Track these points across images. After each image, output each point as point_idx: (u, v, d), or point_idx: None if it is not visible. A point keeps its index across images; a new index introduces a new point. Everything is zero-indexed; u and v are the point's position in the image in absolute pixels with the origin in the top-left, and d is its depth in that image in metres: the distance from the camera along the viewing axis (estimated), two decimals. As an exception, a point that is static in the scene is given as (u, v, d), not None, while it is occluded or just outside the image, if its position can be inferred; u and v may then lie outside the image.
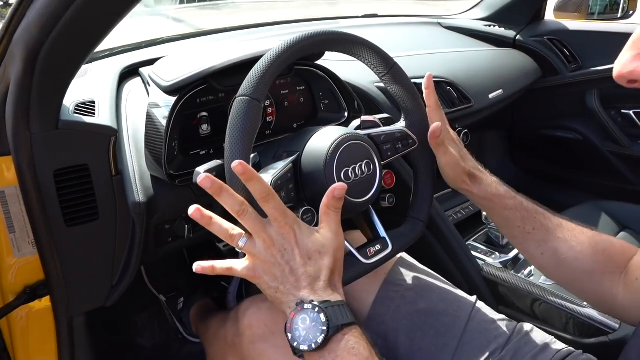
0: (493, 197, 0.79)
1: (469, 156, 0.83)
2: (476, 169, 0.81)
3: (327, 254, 0.60)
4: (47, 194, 0.74)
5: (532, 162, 1.95)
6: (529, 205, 0.78)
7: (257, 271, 0.59)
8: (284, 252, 0.58)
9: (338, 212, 0.63)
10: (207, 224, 0.59)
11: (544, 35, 1.75)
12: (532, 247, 0.78)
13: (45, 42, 0.58)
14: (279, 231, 0.58)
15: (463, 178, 0.79)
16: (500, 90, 1.43)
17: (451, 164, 0.79)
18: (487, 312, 0.85)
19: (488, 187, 0.79)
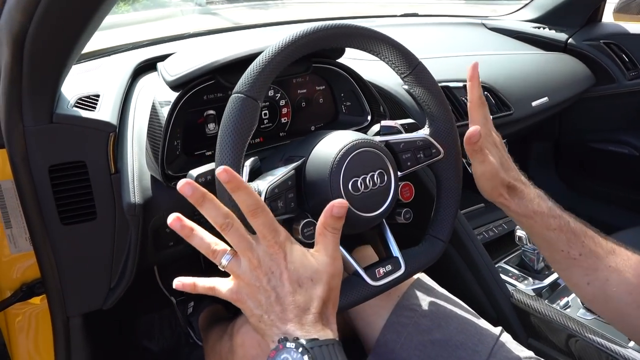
0: (534, 215, 0.69)
1: (512, 164, 0.74)
2: (518, 180, 0.72)
3: (320, 282, 0.52)
4: (42, 190, 0.71)
5: (580, 178, 1.80)
6: (576, 227, 0.68)
7: (240, 294, 0.52)
8: (271, 276, 0.51)
9: (336, 234, 0.55)
10: (188, 235, 0.52)
11: (600, 38, 1.61)
12: (578, 275, 0.67)
13: (29, 27, 0.54)
14: (268, 251, 0.51)
15: (500, 191, 0.71)
16: (545, 98, 1.31)
17: (488, 174, 0.70)
18: (512, 347, 0.75)
19: (529, 203, 0.70)
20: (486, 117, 0.73)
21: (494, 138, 0.73)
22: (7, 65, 0.60)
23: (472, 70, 0.73)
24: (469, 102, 0.74)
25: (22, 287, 0.83)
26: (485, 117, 0.73)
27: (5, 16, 0.55)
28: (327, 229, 0.54)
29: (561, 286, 0.99)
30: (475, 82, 0.73)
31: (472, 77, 0.73)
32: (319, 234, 0.55)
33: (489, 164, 0.70)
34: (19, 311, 0.86)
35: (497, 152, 0.72)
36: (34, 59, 0.59)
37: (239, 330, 0.76)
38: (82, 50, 0.67)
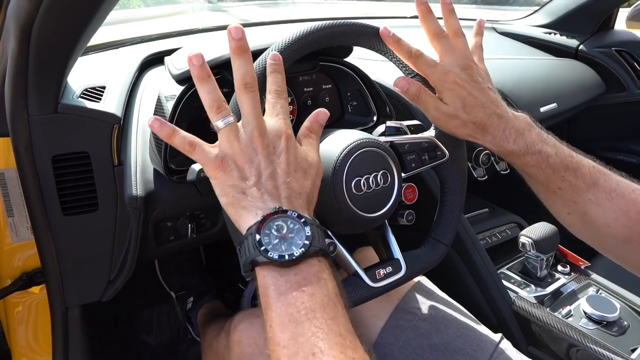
0: (509, 154, 0.66)
1: (483, 99, 0.65)
2: (491, 115, 0.65)
3: (311, 177, 0.52)
4: (44, 180, 0.71)
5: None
6: (555, 162, 0.64)
7: (226, 161, 0.48)
8: (272, 151, 0.49)
9: (318, 138, 0.57)
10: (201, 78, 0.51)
11: (612, 46, 1.59)
12: (558, 205, 0.67)
13: (36, 17, 0.54)
14: (275, 125, 0.50)
15: (465, 131, 0.66)
16: (554, 104, 1.30)
17: (441, 118, 0.67)
18: (511, 354, 0.74)
19: (503, 142, 0.65)
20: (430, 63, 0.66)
21: (453, 74, 0.65)
22: (14, 54, 0.60)
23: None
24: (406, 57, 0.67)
25: (22, 276, 0.83)
26: (430, 64, 0.66)
27: (13, 5, 0.55)
28: (311, 131, 0.56)
29: (564, 295, 0.98)
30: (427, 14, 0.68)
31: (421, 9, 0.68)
32: (305, 135, 0.55)
33: (439, 109, 0.66)
34: (19, 300, 0.86)
35: (458, 92, 0.65)
36: (40, 48, 0.58)
37: (237, 327, 0.75)
38: (88, 41, 0.67)
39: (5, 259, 0.82)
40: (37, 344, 0.90)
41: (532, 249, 0.98)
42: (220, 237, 0.88)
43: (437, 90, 0.67)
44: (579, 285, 1.00)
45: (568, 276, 1.03)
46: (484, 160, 1.13)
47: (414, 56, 0.66)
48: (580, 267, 1.05)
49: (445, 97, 0.66)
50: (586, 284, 1.00)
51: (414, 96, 0.67)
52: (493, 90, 0.68)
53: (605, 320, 0.88)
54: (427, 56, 0.67)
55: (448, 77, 0.65)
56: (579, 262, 1.06)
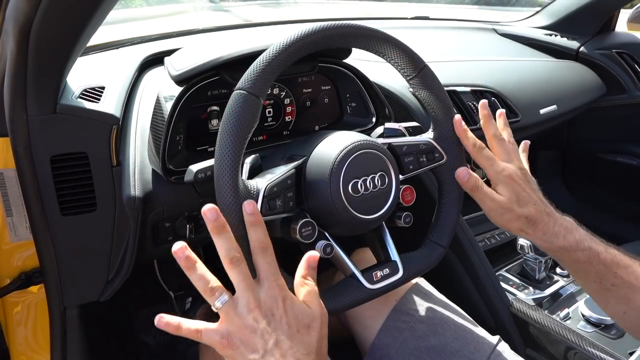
0: (560, 250, 0.67)
1: (533, 196, 0.70)
2: (541, 212, 0.69)
3: (316, 329, 0.51)
4: (43, 180, 0.71)
5: (587, 187, 1.78)
6: (607, 258, 0.65)
7: (232, 339, 0.49)
8: (271, 319, 0.49)
9: (314, 282, 0.55)
10: (189, 267, 0.50)
11: (613, 48, 1.59)
12: (613, 304, 0.67)
13: (35, 18, 0.54)
14: (269, 292, 0.50)
15: (518, 224, 0.69)
16: (554, 105, 1.29)
17: (498, 210, 0.69)
18: (508, 356, 0.74)
19: (554, 238, 0.67)
20: (489, 157, 0.72)
21: (509, 170, 0.71)
22: (13, 54, 0.60)
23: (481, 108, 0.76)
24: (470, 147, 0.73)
25: (21, 275, 0.83)
26: (489, 158, 0.72)
27: (12, 6, 0.55)
28: (307, 279, 0.55)
29: (562, 297, 0.98)
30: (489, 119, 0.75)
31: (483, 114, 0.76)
32: (301, 285, 0.54)
33: (495, 200, 0.69)
34: (18, 299, 0.86)
35: (513, 186, 0.69)
36: (39, 49, 0.59)
37: None
38: (87, 42, 0.67)
39: (4, 258, 0.82)
40: (36, 343, 0.90)
41: (531, 251, 0.98)
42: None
43: (492, 183, 0.71)
44: (578, 288, 1.00)
45: (567, 278, 1.03)
46: (483, 162, 1.13)
47: (477, 148, 0.72)
48: (578, 269, 1.05)
49: (500, 190, 0.70)
50: (584, 286, 1.00)
51: (473, 187, 0.71)
52: (541, 194, 0.73)
53: (603, 323, 0.88)
54: (487, 150, 0.73)
55: (505, 171, 0.70)
56: (578, 264, 1.06)
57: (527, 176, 0.72)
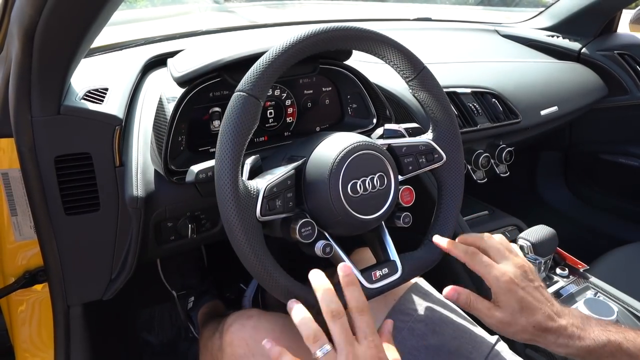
0: (581, 353, 0.62)
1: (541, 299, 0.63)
2: (549, 317, 0.62)
3: None
4: (47, 180, 0.73)
5: (588, 189, 1.78)
6: (629, 347, 0.61)
7: None
8: None
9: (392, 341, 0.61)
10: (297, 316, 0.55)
11: (615, 49, 1.58)
12: None
13: (39, 21, 0.55)
14: (367, 351, 0.53)
15: (529, 335, 0.63)
16: (555, 107, 1.29)
17: (504, 324, 0.63)
18: (507, 356, 0.74)
19: (569, 340, 0.61)
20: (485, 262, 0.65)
21: (509, 274, 0.64)
22: (17, 57, 0.61)
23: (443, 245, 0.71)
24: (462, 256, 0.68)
25: (25, 274, 0.84)
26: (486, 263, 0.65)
27: (17, 9, 0.56)
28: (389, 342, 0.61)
29: (562, 297, 0.98)
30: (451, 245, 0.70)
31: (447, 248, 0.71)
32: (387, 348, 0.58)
33: (494, 317, 0.64)
34: (22, 298, 0.87)
35: (515, 293, 0.63)
36: (43, 51, 0.60)
37: (229, 328, 0.76)
38: (91, 44, 0.68)
39: (8, 257, 0.83)
40: (40, 341, 0.91)
41: (530, 252, 0.98)
42: (221, 238, 0.89)
43: (492, 292, 0.65)
44: (577, 288, 1.00)
45: (566, 279, 1.03)
46: (484, 163, 1.14)
47: (470, 255, 0.67)
48: (578, 270, 1.05)
49: (501, 300, 0.63)
50: (584, 287, 1.00)
51: (465, 304, 0.66)
52: (544, 288, 0.67)
53: (602, 323, 0.88)
54: (482, 255, 0.66)
55: (504, 277, 0.63)
56: (578, 265, 1.06)
57: (528, 273, 0.65)
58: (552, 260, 1.05)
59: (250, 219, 0.58)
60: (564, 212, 1.66)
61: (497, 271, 0.64)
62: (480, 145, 1.18)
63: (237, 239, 0.58)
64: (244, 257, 0.59)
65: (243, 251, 0.58)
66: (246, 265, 0.60)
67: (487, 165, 1.15)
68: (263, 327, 0.75)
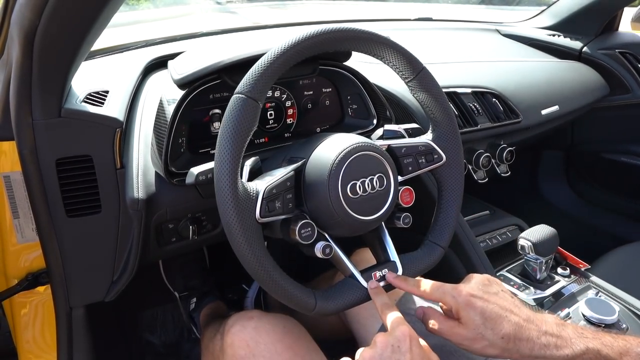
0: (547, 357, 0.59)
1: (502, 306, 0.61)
2: (517, 324, 0.59)
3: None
4: (48, 182, 0.73)
5: (590, 188, 1.77)
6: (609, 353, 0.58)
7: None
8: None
9: None
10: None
11: (616, 48, 1.58)
12: None
13: (39, 24, 0.56)
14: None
15: (496, 351, 0.60)
16: (556, 106, 1.29)
17: (464, 343, 0.62)
18: (508, 356, 0.74)
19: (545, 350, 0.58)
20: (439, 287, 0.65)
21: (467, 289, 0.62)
22: (18, 60, 0.61)
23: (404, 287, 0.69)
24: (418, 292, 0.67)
25: (28, 276, 0.85)
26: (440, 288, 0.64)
27: (17, 13, 0.56)
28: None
29: (563, 297, 0.98)
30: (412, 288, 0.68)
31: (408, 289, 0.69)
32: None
33: (461, 333, 0.62)
34: (25, 300, 0.88)
35: (476, 305, 0.60)
36: (43, 55, 0.60)
37: (230, 330, 0.76)
38: (91, 47, 0.68)
39: (11, 259, 0.84)
40: (43, 342, 0.92)
41: (531, 251, 0.98)
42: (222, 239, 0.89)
43: (454, 311, 0.63)
44: (579, 288, 1.00)
45: (568, 278, 1.03)
46: (485, 163, 1.14)
47: (418, 286, 0.67)
48: (580, 269, 1.05)
49: (461, 315, 0.61)
50: (586, 286, 1.00)
51: (431, 329, 0.65)
52: (509, 294, 0.64)
53: (603, 322, 0.88)
54: (434, 283, 0.66)
55: (461, 292, 0.62)
56: (579, 264, 1.06)
57: (491, 283, 0.64)
58: (554, 260, 1.05)
59: (249, 221, 0.59)
60: (566, 212, 1.66)
61: (450, 289, 0.63)
62: (481, 145, 1.18)
63: (237, 240, 0.58)
64: (243, 258, 0.59)
65: (243, 253, 0.58)
66: (246, 267, 0.60)
67: (488, 165, 1.15)
68: (264, 328, 0.75)
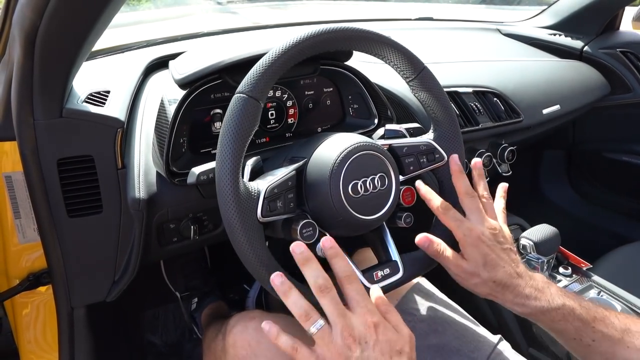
0: (534, 312, 0.65)
1: (505, 257, 0.67)
2: (510, 275, 0.65)
3: (406, 354, 0.53)
4: (50, 182, 0.73)
5: (592, 187, 1.77)
6: (582, 313, 0.63)
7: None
8: (365, 346, 0.51)
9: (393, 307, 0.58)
10: (284, 292, 0.54)
11: (617, 47, 1.58)
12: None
13: (40, 25, 0.56)
14: (360, 320, 0.53)
15: (485, 290, 0.66)
16: (557, 105, 1.29)
17: (461, 275, 0.67)
18: (510, 356, 0.74)
19: (525, 299, 0.65)
20: (457, 218, 0.69)
21: (477, 232, 0.67)
22: (19, 60, 0.61)
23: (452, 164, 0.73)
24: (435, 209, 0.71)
25: (29, 276, 0.85)
26: (456, 219, 0.69)
27: (18, 13, 0.56)
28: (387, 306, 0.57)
29: (565, 296, 0.98)
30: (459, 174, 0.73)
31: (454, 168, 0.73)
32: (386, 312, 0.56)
33: (459, 266, 0.67)
34: (27, 300, 0.88)
35: (480, 248, 0.66)
36: (44, 55, 0.60)
37: (231, 330, 0.76)
38: (92, 47, 0.68)
39: (12, 259, 0.84)
40: (45, 342, 0.92)
41: (533, 251, 0.98)
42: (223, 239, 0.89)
43: (460, 245, 0.68)
44: (581, 287, 1.00)
45: (570, 278, 1.03)
46: (486, 163, 1.14)
47: (443, 209, 0.69)
48: (581, 268, 1.05)
49: (467, 252, 0.67)
50: (587, 285, 1.00)
51: (435, 252, 0.68)
52: (514, 252, 0.69)
53: (605, 322, 0.87)
54: (455, 211, 0.69)
55: (472, 233, 0.67)
56: (581, 264, 1.06)
57: (498, 236, 0.68)
58: (555, 259, 1.05)
59: (251, 220, 0.59)
60: (567, 211, 1.66)
61: (466, 227, 0.67)
62: (482, 145, 1.18)
63: (238, 240, 0.58)
64: (245, 258, 0.59)
65: (244, 252, 0.58)
66: (247, 267, 0.60)
67: (489, 165, 1.15)
68: None
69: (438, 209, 0.70)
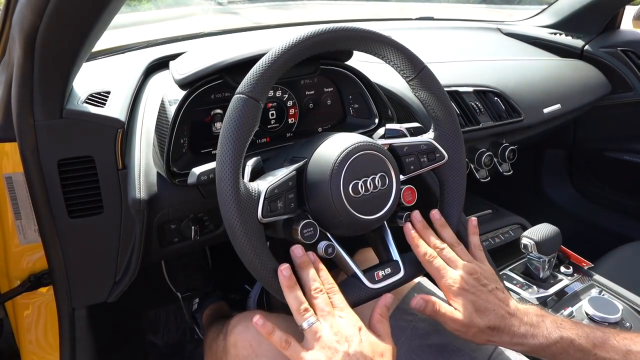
0: (534, 350, 0.65)
1: (492, 300, 0.67)
2: (502, 316, 0.65)
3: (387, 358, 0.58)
4: (50, 183, 0.73)
5: (593, 186, 1.77)
6: (582, 343, 0.63)
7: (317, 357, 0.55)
8: (351, 342, 0.56)
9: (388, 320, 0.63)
10: (289, 286, 0.59)
11: (618, 46, 1.58)
12: None
13: (40, 25, 0.56)
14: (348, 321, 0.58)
15: (484, 338, 0.66)
16: (558, 105, 1.29)
17: (460, 330, 0.66)
18: (510, 355, 0.74)
19: (522, 339, 0.65)
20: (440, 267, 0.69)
21: (459, 282, 0.67)
22: (19, 61, 0.62)
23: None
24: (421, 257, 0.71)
25: (30, 277, 0.85)
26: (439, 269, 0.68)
27: (18, 14, 0.56)
28: (382, 316, 0.63)
29: (566, 295, 0.98)
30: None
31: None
32: (377, 321, 0.62)
33: (456, 321, 0.66)
34: (28, 301, 0.88)
35: (467, 297, 0.66)
36: (44, 55, 0.60)
37: (233, 330, 0.76)
38: (92, 47, 0.68)
39: (13, 260, 0.84)
40: (46, 343, 0.92)
41: (534, 250, 0.98)
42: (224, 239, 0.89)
43: (446, 298, 0.68)
44: (582, 287, 1.00)
45: (571, 277, 1.03)
46: (487, 162, 1.14)
47: (428, 258, 0.70)
48: (583, 268, 1.05)
49: (456, 304, 0.67)
50: (589, 285, 1.00)
51: (432, 312, 0.67)
52: (501, 290, 0.70)
53: (607, 321, 0.87)
54: (439, 260, 0.70)
55: (456, 283, 0.67)
56: (582, 263, 1.06)
57: (481, 278, 0.69)
58: (557, 259, 1.05)
59: (251, 221, 0.59)
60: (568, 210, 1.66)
61: (448, 279, 0.68)
62: (483, 144, 1.18)
63: (239, 240, 0.58)
64: (245, 258, 0.59)
65: (245, 253, 0.58)
66: (248, 267, 0.60)
67: (490, 164, 1.15)
68: None
69: (423, 258, 0.70)
